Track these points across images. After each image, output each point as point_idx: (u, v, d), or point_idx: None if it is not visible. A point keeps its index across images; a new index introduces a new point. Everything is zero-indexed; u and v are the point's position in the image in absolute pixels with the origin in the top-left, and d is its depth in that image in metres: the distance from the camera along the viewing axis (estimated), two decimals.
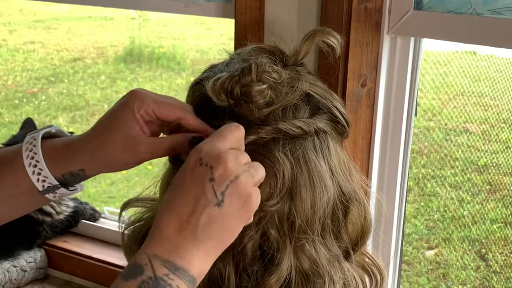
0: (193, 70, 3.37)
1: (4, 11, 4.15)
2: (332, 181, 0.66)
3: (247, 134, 0.63)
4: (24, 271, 1.44)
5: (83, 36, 3.95)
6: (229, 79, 0.63)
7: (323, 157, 0.66)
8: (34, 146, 0.65)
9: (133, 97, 0.64)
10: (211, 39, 3.49)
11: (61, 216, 1.49)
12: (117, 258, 1.45)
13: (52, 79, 3.58)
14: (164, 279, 0.54)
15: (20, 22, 4.16)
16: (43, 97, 3.38)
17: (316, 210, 0.64)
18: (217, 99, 0.64)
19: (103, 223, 1.58)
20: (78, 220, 1.53)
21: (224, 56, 0.72)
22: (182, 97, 0.70)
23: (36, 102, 3.35)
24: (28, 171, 0.64)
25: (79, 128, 3.04)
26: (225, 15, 1.08)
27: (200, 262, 0.56)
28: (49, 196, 0.67)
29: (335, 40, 0.68)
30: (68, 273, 1.50)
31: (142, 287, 0.53)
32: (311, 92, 0.66)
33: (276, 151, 0.63)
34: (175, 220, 0.56)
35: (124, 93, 0.68)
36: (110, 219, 1.59)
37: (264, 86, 0.63)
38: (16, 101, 3.37)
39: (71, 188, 0.68)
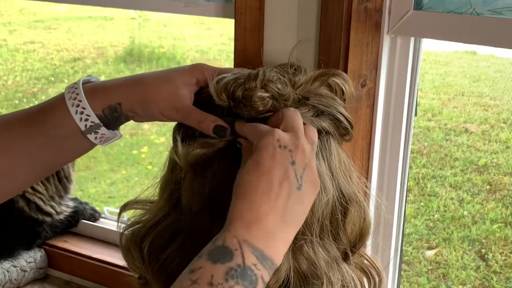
0: None
1: (4, 11, 4.14)
2: (332, 183, 0.66)
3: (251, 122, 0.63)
4: (24, 271, 1.44)
5: (83, 36, 3.94)
6: (233, 80, 0.64)
7: (324, 158, 0.66)
8: (76, 88, 0.69)
9: (195, 68, 0.69)
10: (211, 39, 3.48)
11: (61, 216, 1.49)
12: (117, 258, 1.45)
13: (52, 79, 3.58)
14: (251, 268, 0.53)
15: (20, 22, 4.16)
16: (43, 97, 3.38)
17: (315, 212, 0.64)
18: (217, 98, 0.64)
19: (103, 223, 1.58)
20: (78, 220, 1.53)
21: (224, 57, 0.72)
22: None
23: (36, 102, 3.34)
24: (71, 110, 0.68)
25: None
26: (225, 15, 1.08)
27: (283, 251, 0.57)
28: (91, 137, 0.69)
29: (347, 86, 0.70)
30: (68, 273, 1.50)
31: (230, 274, 0.52)
32: (315, 105, 0.67)
33: None
34: (264, 203, 0.56)
35: None
36: (110, 219, 1.59)
37: (267, 94, 0.63)
38: (16, 101, 3.37)
39: (111, 131, 0.71)
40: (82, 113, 0.68)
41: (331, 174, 0.66)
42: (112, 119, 0.70)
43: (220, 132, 0.64)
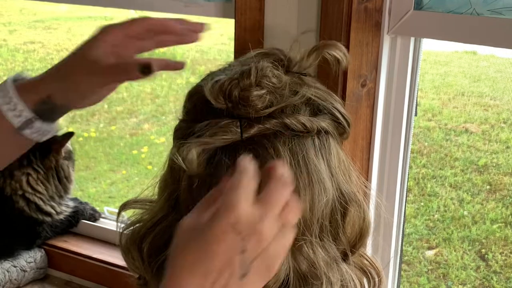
0: (193, 70, 3.37)
1: (4, 11, 4.15)
2: (332, 183, 0.66)
3: (252, 125, 0.63)
4: (24, 271, 1.44)
5: (83, 36, 3.93)
6: (228, 81, 0.63)
7: (323, 158, 0.66)
8: (5, 86, 0.69)
9: (101, 32, 0.72)
10: (211, 39, 3.48)
11: (61, 216, 1.49)
12: (117, 258, 1.45)
13: None
14: None
15: (20, 22, 4.16)
16: None
17: (314, 212, 0.64)
18: (215, 102, 0.64)
19: (103, 223, 1.58)
20: (78, 220, 1.53)
21: (224, 57, 0.72)
22: (182, 97, 0.70)
23: None
24: (3, 108, 0.68)
25: (79, 128, 3.04)
26: (225, 15, 1.08)
27: None
28: (27, 132, 0.70)
29: (342, 55, 0.68)
30: (68, 273, 1.50)
31: None
32: (311, 96, 0.66)
33: (279, 144, 0.63)
34: (196, 284, 0.51)
35: (124, 93, 0.70)
36: (110, 219, 1.59)
37: (263, 91, 0.63)
38: None
39: (46, 123, 0.71)
40: (14, 109, 0.68)
41: (331, 173, 0.66)
42: (47, 113, 0.71)
43: (144, 70, 0.67)
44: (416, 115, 1.05)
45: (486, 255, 1.93)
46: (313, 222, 0.64)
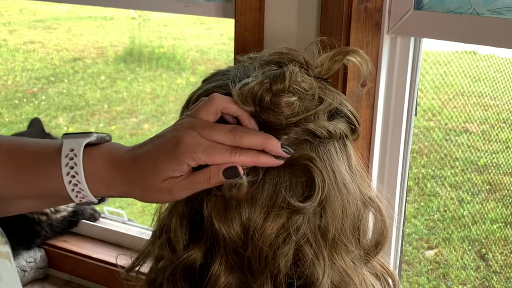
0: (193, 70, 3.37)
1: (4, 11, 4.15)
2: (355, 186, 0.64)
3: (277, 137, 0.60)
4: (24, 271, 1.44)
5: (83, 36, 3.94)
6: (258, 85, 0.60)
7: (344, 162, 0.64)
8: (76, 164, 0.61)
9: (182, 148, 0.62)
10: (211, 39, 3.48)
11: (58, 215, 1.49)
12: None
13: (52, 79, 3.58)
14: None
15: (20, 22, 4.16)
16: (43, 97, 3.38)
17: (345, 218, 0.62)
18: (242, 105, 0.60)
19: (103, 223, 1.58)
20: (78, 220, 1.53)
21: (224, 56, 0.71)
22: (182, 97, 0.69)
23: (36, 102, 3.35)
24: (68, 188, 0.61)
25: (79, 127, 3.04)
26: (225, 15, 1.08)
27: None
28: (77, 200, 0.64)
29: (364, 62, 0.65)
30: (68, 273, 1.50)
31: None
32: (334, 102, 0.65)
33: (307, 151, 0.61)
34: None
35: (124, 93, 0.68)
36: (110, 219, 1.59)
37: (294, 98, 0.60)
38: (16, 101, 3.37)
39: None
40: (79, 192, 0.62)
41: (352, 177, 0.64)
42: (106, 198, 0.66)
43: (233, 173, 0.59)
44: (416, 115, 1.05)
45: (486, 255, 1.93)
46: (346, 229, 0.62)
